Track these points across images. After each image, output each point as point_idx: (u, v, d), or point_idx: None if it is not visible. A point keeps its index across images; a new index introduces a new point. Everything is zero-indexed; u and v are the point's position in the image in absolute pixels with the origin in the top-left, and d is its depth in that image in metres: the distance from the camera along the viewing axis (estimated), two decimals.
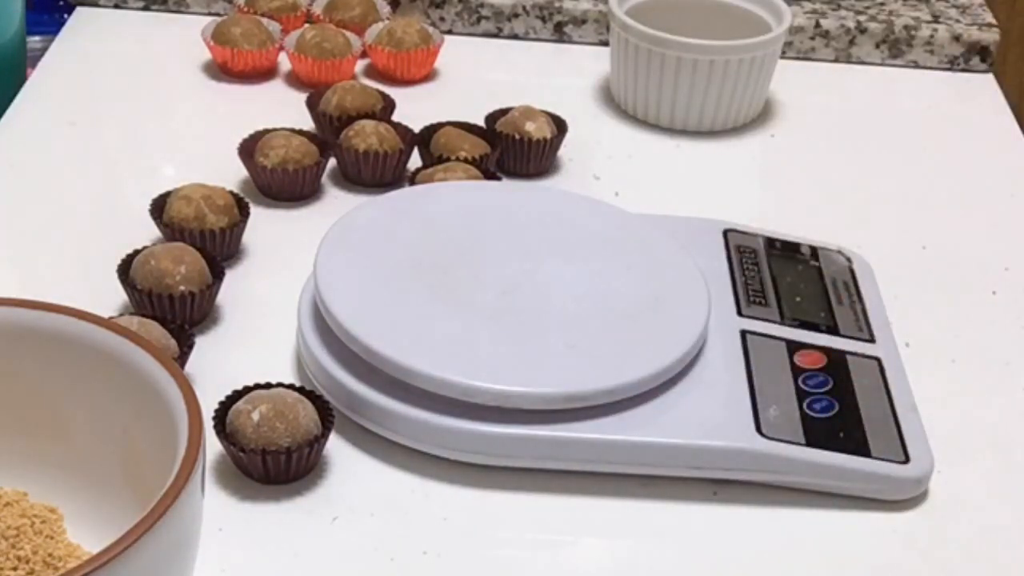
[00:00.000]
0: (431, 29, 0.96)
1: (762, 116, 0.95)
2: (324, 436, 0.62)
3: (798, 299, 0.72)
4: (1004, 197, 0.89)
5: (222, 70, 0.94)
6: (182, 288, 0.69)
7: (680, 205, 0.81)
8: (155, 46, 0.99)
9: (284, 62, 0.95)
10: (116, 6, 1.02)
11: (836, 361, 0.68)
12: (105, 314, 0.58)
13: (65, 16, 1.02)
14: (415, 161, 0.84)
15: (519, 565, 0.60)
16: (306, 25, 0.96)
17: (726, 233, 0.77)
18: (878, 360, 0.69)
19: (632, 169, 0.89)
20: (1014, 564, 0.62)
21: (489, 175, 0.81)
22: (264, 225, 0.79)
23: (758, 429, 0.63)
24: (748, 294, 0.72)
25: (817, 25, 1.02)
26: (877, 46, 1.02)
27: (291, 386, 0.63)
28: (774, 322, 0.70)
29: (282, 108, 0.90)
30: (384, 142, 0.82)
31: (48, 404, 0.56)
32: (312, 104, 0.87)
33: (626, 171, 0.88)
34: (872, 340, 0.70)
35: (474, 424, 0.63)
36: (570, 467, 0.63)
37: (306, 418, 0.62)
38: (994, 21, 1.03)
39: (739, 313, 0.71)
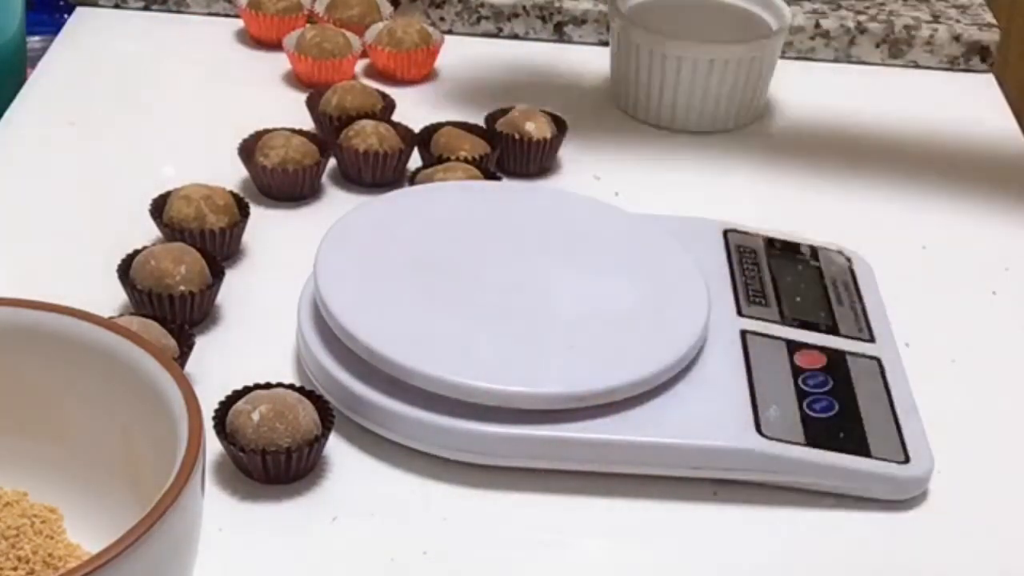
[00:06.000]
0: (431, 29, 0.96)
1: (762, 116, 0.95)
2: (324, 436, 0.62)
3: (798, 299, 0.72)
4: (1004, 197, 0.88)
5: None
6: (182, 288, 0.69)
7: (680, 205, 0.81)
8: (155, 46, 0.99)
9: (284, 62, 0.95)
10: (116, 6, 1.02)
11: (836, 361, 0.68)
12: (105, 314, 0.58)
13: (65, 16, 1.02)
14: (415, 161, 0.84)
15: (519, 565, 0.60)
16: (306, 25, 0.96)
17: (726, 233, 0.77)
18: (878, 360, 0.69)
19: (632, 169, 0.89)
20: (1014, 564, 0.62)
21: (489, 175, 0.81)
22: (264, 225, 0.79)
23: (758, 429, 0.63)
24: (748, 294, 0.72)
25: (817, 25, 1.02)
26: (877, 46, 1.02)
27: (291, 386, 0.63)
28: (774, 322, 0.70)
29: (282, 108, 0.90)
30: (384, 142, 0.82)
31: (48, 404, 0.56)
32: (312, 104, 0.87)
33: (626, 171, 0.88)
34: (872, 340, 0.70)
35: (474, 424, 0.63)
36: (570, 467, 0.63)
37: (306, 418, 0.62)
38: (994, 21, 1.03)
39: (739, 313, 0.71)
